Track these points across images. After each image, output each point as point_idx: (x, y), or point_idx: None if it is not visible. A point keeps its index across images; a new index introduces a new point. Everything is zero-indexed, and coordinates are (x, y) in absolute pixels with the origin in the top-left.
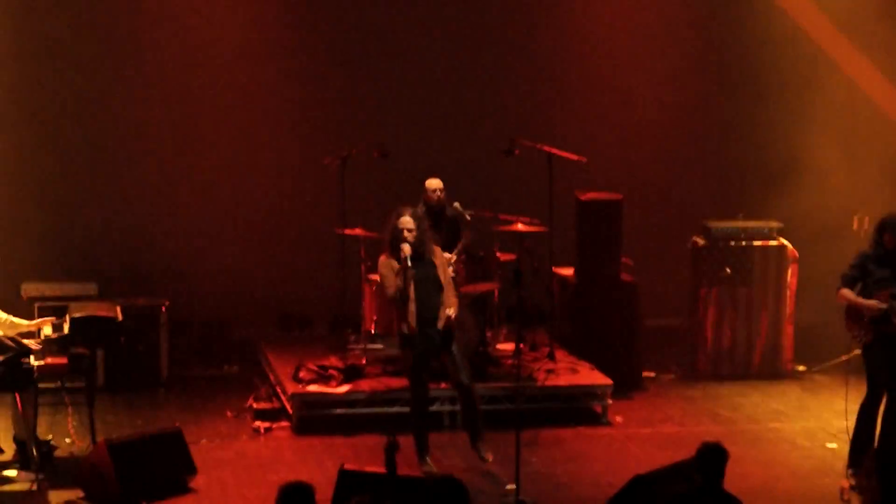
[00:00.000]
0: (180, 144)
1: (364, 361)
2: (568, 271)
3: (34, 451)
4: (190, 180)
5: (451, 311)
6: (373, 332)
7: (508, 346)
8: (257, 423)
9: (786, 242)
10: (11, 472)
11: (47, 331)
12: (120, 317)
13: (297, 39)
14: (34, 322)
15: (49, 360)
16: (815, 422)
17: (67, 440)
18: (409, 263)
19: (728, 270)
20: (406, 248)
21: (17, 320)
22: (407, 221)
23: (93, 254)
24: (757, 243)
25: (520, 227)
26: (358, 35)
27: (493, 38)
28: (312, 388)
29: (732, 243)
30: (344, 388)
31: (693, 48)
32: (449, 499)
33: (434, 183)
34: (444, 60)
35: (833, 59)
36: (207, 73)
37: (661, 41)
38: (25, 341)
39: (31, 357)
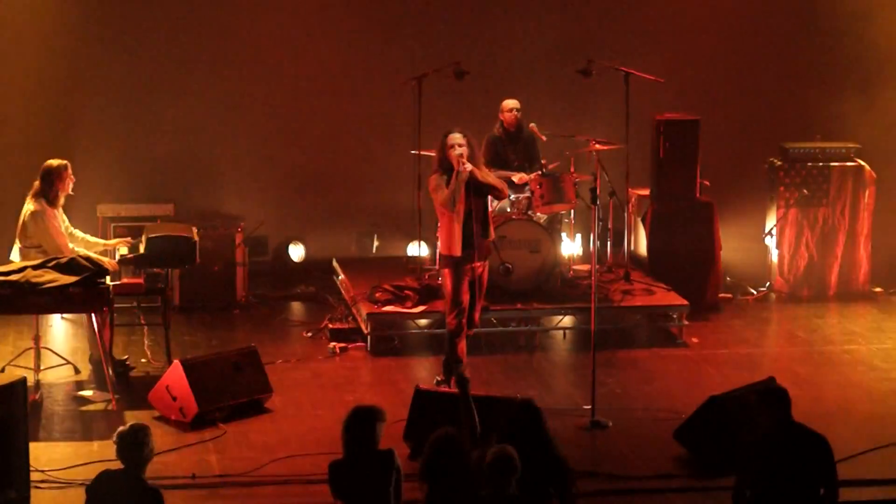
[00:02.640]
0: (254, 65)
1: (439, 282)
2: (644, 191)
3: (110, 371)
4: (265, 100)
5: (467, 166)
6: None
7: (584, 267)
8: (333, 344)
9: (864, 163)
10: (87, 392)
11: (123, 251)
12: (196, 237)
13: None
14: (110, 242)
15: (125, 280)
16: (892, 343)
17: (143, 360)
18: (463, 168)
19: (805, 192)
20: (464, 162)
21: (92, 239)
22: (456, 137)
23: (169, 175)
24: (834, 164)
25: (596, 147)
26: None
27: None
28: (388, 308)
29: (810, 164)
30: (419, 309)
31: None
32: (524, 420)
33: (511, 103)
34: None
35: None
36: None
37: None
38: (101, 260)
39: (107, 277)
